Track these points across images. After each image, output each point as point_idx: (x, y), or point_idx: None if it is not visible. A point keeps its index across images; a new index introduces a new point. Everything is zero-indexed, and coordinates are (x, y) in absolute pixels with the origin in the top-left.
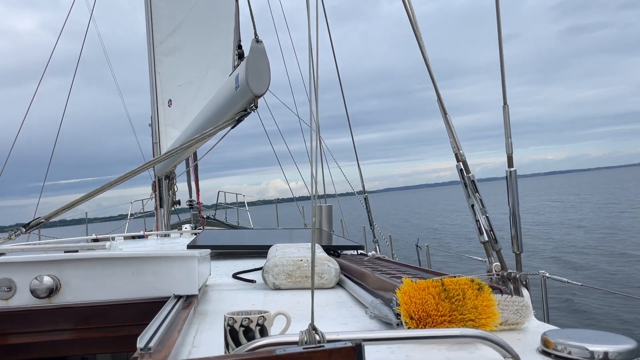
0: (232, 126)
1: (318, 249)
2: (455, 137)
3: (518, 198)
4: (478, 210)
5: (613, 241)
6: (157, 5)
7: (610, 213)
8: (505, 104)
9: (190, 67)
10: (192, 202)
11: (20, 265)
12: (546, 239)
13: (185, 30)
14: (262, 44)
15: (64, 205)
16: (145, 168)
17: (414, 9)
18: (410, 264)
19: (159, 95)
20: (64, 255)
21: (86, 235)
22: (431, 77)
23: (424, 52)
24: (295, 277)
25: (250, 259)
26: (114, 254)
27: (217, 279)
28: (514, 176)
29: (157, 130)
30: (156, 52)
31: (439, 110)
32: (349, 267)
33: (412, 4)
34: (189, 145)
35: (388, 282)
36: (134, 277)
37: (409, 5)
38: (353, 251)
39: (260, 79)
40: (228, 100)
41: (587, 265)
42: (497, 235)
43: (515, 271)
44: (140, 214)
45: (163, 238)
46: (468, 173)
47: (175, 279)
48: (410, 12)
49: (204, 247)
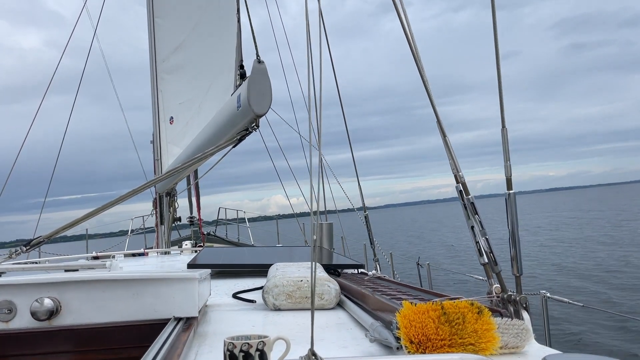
0: (234, 145)
1: (318, 269)
2: (454, 159)
3: (517, 220)
4: (478, 232)
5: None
6: (160, 24)
7: (629, 229)
8: (503, 127)
9: (192, 85)
10: (192, 218)
11: (21, 287)
12: (565, 257)
13: (188, 49)
14: (263, 65)
15: (66, 225)
16: (147, 187)
17: (413, 33)
18: (410, 283)
19: (160, 112)
20: (65, 277)
21: (87, 252)
22: (430, 100)
23: (424, 76)
24: (296, 298)
25: (251, 278)
26: (114, 276)
27: (217, 299)
28: (513, 198)
29: (159, 147)
30: (158, 70)
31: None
32: (349, 288)
33: (413, 25)
34: (190, 164)
35: (388, 304)
36: (134, 299)
37: (408, 30)
38: (354, 270)
39: (262, 99)
40: (230, 119)
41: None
42: (497, 257)
43: (516, 293)
44: (140, 230)
45: (163, 255)
46: (467, 195)
47: (175, 301)
48: (410, 38)
49: (204, 266)
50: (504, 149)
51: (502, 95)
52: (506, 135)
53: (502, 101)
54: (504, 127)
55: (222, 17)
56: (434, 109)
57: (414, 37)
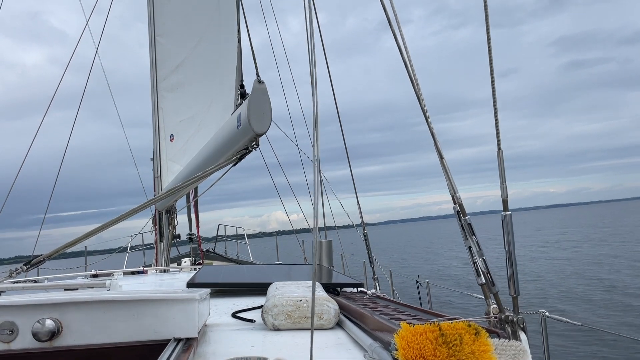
0: (234, 164)
1: (318, 288)
2: (451, 180)
3: (514, 241)
4: (475, 252)
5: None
6: (161, 42)
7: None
8: (499, 149)
9: (193, 103)
10: (192, 235)
11: (23, 308)
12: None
13: (188, 67)
14: (263, 85)
15: (66, 243)
16: (147, 206)
17: (410, 56)
18: (409, 302)
19: (161, 130)
20: (66, 297)
21: (85, 269)
22: (428, 123)
23: (422, 101)
24: (295, 318)
25: (250, 297)
26: (115, 297)
27: (217, 318)
28: (509, 220)
29: (159, 164)
30: (159, 87)
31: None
32: (348, 307)
33: (413, 42)
34: (190, 183)
35: (387, 325)
36: (135, 319)
37: (405, 53)
38: (353, 288)
39: (262, 118)
40: (230, 138)
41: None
42: (495, 277)
43: (513, 314)
44: (139, 247)
45: (162, 274)
46: (465, 216)
47: (175, 321)
48: (407, 61)
49: (203, 285)
50: (500, 171)
51: (497, 118)
52: (502, 157)
53: (498, 124)
54: (500, 150)
55: (223, 37)
56: (431, 131)
57: (411, 60)
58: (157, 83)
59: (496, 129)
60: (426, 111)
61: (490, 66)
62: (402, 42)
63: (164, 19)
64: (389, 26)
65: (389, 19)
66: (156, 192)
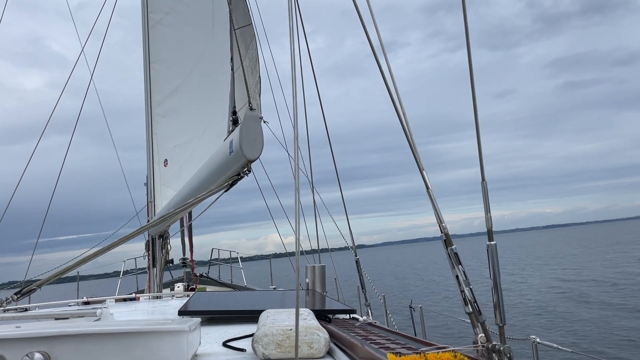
0: (225, 190)
1: (309, 315)
2: (438, 211)
3: (499, 269)
4: (462, 281)
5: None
6: (156, 69)
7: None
8: (483, 180)
9: (187, 129)
10: (185, 259)
11: (11, 342)
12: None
13: (183, 93)
14: (255, 112)
15: (58, 271)
16: (140, 232)
17: (397, 86)
18: (401, 330)
19: (155, 154)
20: (55, 330)
21: (77, 295)
22: (415, 157)
23: (411, 139)
24: (285, 347)
25: (242, 324)
26: (104, 329)
27: (207, 347)
28: (494, 249)
29: (152, 189)
30: (154, 112)
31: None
32: (339, 336)
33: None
34: (183, 209)
35: (375, 355)
36: (125, 351)
37: (391, 82)
38: (345, 315)
39: (253, 145)
40: (222, 164)
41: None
42: (481, 306)
43: (500, 344)
44: (132, 272)
45: (155, 300)
46: (451, 245)
47: (165, 353)
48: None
49: (195, 313)
50: (484, 202)
51: (481, 151)
52: (486, 188)
53: (482, 157)
54: (484, 181)
55: (217, 64)
56: (418, 166)
57: (397, 86)
58: (151, 109)
59: (480, 161)
60: (412, 139)
61: (474, 102)
62: (388, 70)
63: (158, 45)
64: (374, 56)
65: (374, 50)
66: (149, 217)
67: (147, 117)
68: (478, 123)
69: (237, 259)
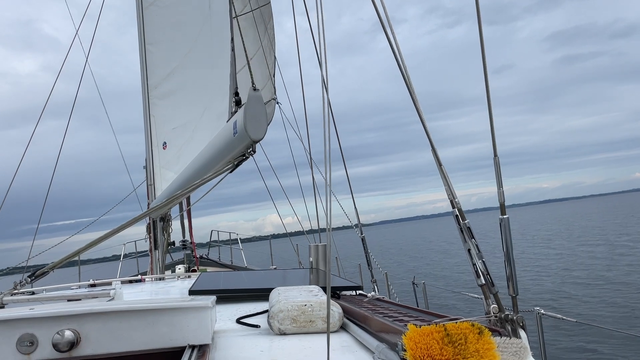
0: (230, 170)
1: (319, 292)
2: (450, 186)
3: (512, 242)
4: (475, 254)
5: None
6: (152, 50)
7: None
8: (495, 156)
9: (185, 111)
10: (185, 242)
11: (43, 320)
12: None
13: (180, 75)
14: (259, 92)
15: (67, 255)
16: (143, 217)
17: (403, 58)
18: (407, 304)
19: (153, 137)
20: (84, 308)
21: (79, 278)
22: (426, 131)
23: (416, 102)
24: (300, 322)
25: (251, 303)
26: (131, 307)
27: (222, 324)
28: (507, 223)
29: (152, 172)
30: (151, 95)
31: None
32: (350, 310)
33: (407, 41)
34: (188, 191)
35: (391, 326)
36: (151, 328)
37: (398, 54)
38: (352, 291)
39: (258, 125)
40: (226, 145)
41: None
42: (493, 278)
43: (512, 313)
44: (133, 255)
45: (160, 281)
46: (464, 220)
47: (190, 328)
48: (400, 61)
49: (206, 292)
50: (497, 177)
51: (493, 126)
52: (498, 163)
53: (494, 132)
54: (496, 156)
55: (215, 45)
56: (430, 142)
57: (404, 61)
58: (148, 91)
59: (492, 136)
60: (422, 113)
61: (485, 77)
62: (395, 43)
63: (154, 27)
64: (382, 27)
65: (382, 20)
66: (150, 199)
67: (144, 100)
68: (490, 99)
69: (236, 240)
